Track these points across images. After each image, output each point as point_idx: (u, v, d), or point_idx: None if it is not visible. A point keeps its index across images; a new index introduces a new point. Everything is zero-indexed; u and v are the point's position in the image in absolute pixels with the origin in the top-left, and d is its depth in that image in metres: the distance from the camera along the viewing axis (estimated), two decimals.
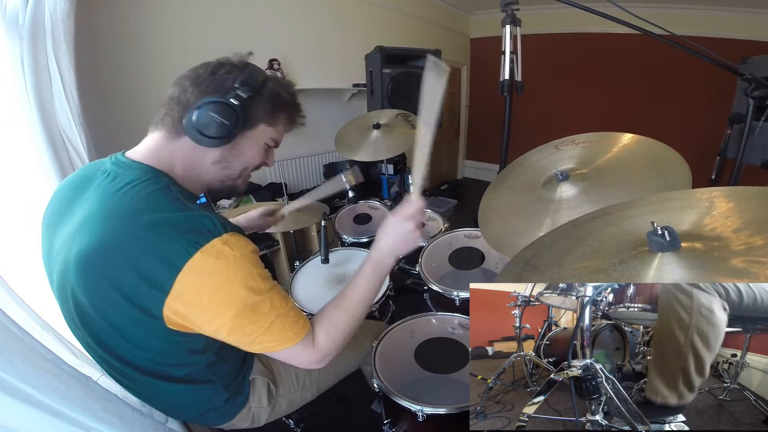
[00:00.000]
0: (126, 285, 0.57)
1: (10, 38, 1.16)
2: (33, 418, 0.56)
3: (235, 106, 0.64)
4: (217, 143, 0.66)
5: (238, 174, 0.74)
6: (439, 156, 5.00)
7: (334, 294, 1.27)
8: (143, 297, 0.57)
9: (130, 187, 0.61)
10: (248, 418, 0.85)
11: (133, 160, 0.66)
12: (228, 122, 0.64)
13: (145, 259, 0.56)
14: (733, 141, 2.67)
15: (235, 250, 0.58)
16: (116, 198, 0.61)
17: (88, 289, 0.60)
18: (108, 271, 0.57)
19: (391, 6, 3.63)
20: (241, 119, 0.66)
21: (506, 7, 1.29)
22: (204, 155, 0.69)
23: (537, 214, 0.91)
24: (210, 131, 0.64)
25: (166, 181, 0.64)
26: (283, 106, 0.73)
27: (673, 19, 3.30)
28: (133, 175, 0.63)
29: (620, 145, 0.96)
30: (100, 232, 0.58)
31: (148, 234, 0.57)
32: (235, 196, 0.79)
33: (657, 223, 0.50)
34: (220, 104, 0.63)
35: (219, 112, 0.63)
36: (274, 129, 0.74)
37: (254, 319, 0.60)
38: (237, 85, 0.65)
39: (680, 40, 1.02)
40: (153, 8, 2.08)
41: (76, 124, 1.33)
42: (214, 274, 0.57)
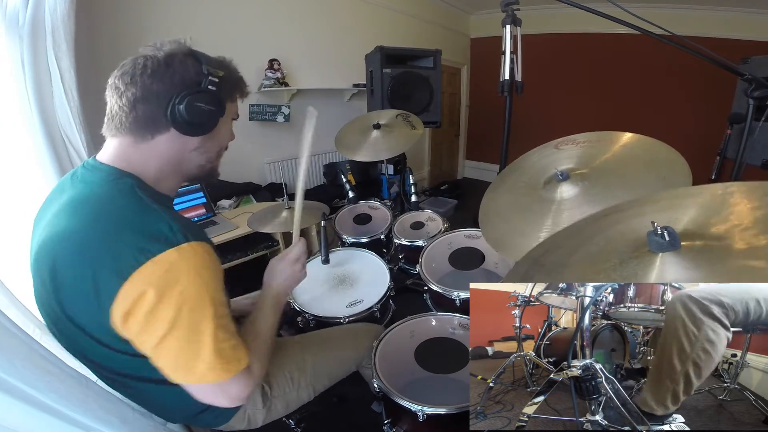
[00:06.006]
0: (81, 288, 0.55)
1: (10, 38, 1.16)
2: (33, 418, 0.56)
3: (213, 92, 0.66)
4: (207, 130, 0.68)
5: (216, 155, 0.76)
6: (439, 156, 5.00)
7: (335, 295, 1.31)
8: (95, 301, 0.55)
9: (95, 187, 0.62)
10: (244, 420, 0.85)
11: (102, 163, 0.66)
12: (215, 108, 0.67)
13: (96, 261, 0.54)
14: (733, 141, 2.67)
15: (189, 266, 0.56)
16: (78, 199, 0.61)
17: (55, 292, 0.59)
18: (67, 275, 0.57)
19: (391, 6, 3.63)
20: (223, 102, 0.69)
21: (506, 7, 1.29)
22: (184, 145, 0.68)
23: (537, 214, 0.91)
24: (200, 120, 0.65)
25: (131, 182, 0.63)
26: (237, 82, 0.75)
27: (673, 19, 3.30)
28: (99, 175, 0.64)
29: (620, 144, 0.95)
30: (60, 225, 0.59)
31: (103, 234, 0.56)
32: (212, 179, 0.79)
33: (657, 223, 0.50)
34: (204, 92, 0.64)
35: (203, 100, 0.64)
36: (234, 104, 0.76)
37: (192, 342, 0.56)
38: (206, 71, 0.65)
39: (680, 40, 1.02)
40: (153, 8, 2.08)
41: (76, 124, 1.33)
42: (159, 287, 0.53)
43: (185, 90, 0.63)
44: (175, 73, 0.63)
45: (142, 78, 0.62)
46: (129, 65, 0.63)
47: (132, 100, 0.63)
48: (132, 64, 0.63)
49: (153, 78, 0.62)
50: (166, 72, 0.63)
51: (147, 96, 0.62)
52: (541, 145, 1.11)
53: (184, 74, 0.64)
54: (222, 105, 0.69)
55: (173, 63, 0.64)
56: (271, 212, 1.60)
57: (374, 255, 1.49)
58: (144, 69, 0.62)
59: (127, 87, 0.62)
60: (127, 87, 0.62)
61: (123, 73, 0.63)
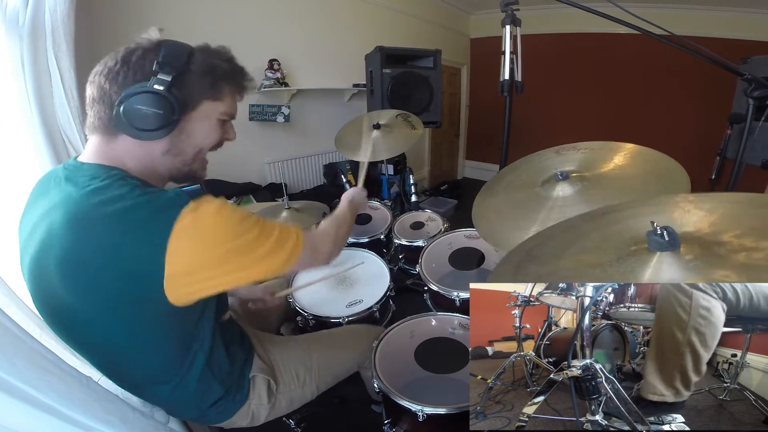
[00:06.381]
0: (110, 286, 0.56)
1: (10, 38, 1.16)
2: (33, 418, 0.56)
3: (160, 91, 0.59)
4: (157, 135, 0.62)
5: (192, 158, 0.70)
6: (439, 156, 5.00)
7: (335, 294, 1.31)
8: (134, 290, 0.57)
9: (86, 187, 0.59)
10: (248, 415, 0.85)
11: (83, 162, 0.64)
12: (161, 110, 0.60)
13: (123, 253, 0.55)
14: (733, 141, 2.68)
15: (206, 212, 0.57)
16: (74, 201, 0.58)
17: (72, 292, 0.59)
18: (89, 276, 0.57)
19: (391, 6, 3.63)
20: (175, 103, 0.61)
21: (506, 7, 1.29)
22: (151, 148, 0.64)
23: (532, 209, 0.92)
24: (144, 124, 0.60)
25: (120, 173, 0.61)
26: (223, 77, 0.68)
27: (673, 19, 3.30)
28: (86, 175, 0.61)
29: (621, 153, 0.95)
30: (71, 239, 0.56)
31: (117, 228, 0.55)
32: (195, 181, 0.75)
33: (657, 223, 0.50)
34: (145, 94, 0.59)
35: (146, 103, 0.59)
36: (221, 102, 0.69)
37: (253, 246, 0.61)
38: (155, 68, 0.60)
39: (680, 40, 1.02)
40: (153, 8, 2.08)
41: (76, 124, 1.33)
42: (197, 238, 0.56)
43: (129, 91, 0.59)
44: (128, 71, 0.60)
45: (99, 77, 0.61)
46: (99, 64, 0.63)
47: (90, 100, 0.62)
48: (101, 61, 0.62)
49: (107, 77, 0.60)
50: (120, 71, 0.60)
51: (102, 96, 0.61)
52: (540, 150, 1.11)
53: (136, 73, 0.60)
54: (179, 105, 0.62)
55: (129, 61, 0.61)
56: (271, 212, 1.60)
57: (374, 255, 1.49)
58: (104, 67, 0.61)
59: (89, 85, 0.62)
60: (89, 85, 0.62)
61: (93, 71, 0.63)
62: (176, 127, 0.64)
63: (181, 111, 0.63)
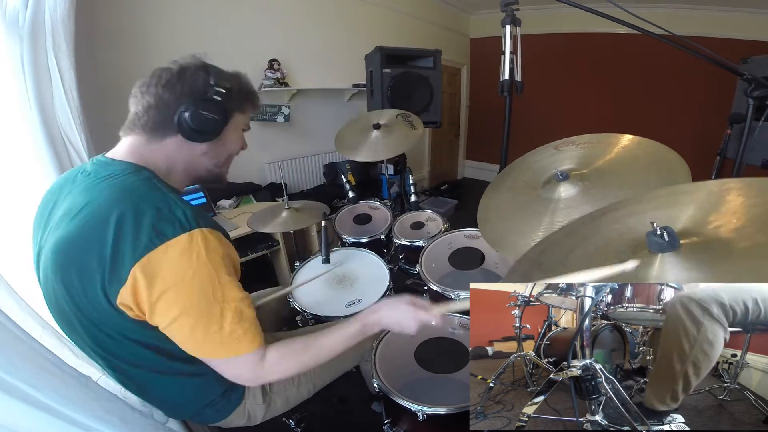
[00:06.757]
0: (90, 273, 0.58)
1: (10, 38, 1.16)
2: (33, 418, 0.56)
3: (219, 102, 0.71)
4: (209, 138, 0.73)
5: (224, 161, 0.82)
6: (439, 156, 5.00)
7: (335, 294, 1.30)
8: (101, 285, 0.58)
9: (112, 179, 0.65)
10: (244, 415, 0.86)
11: (114, 159, 0.71)
12: (218, 117, 0.72)
13: (112, 246, 0.57)
14: (733, 141, 2.68)
15: (202, 251, 0.60)
16: (96, 190, 0.64)
17: (62, 280, 0.61)
18: (78, 260, 0.60)
19: (391, 6, 3.63)
20: (227, 112, 0.74)
21: (506, 7, 1.29)
22: (192, 149, 0.74)
23: (536, 213, 0.91)
24: (204, 127, 0.71)
25: (148, 174, 0.69)
26: (248, 95, 0.81)
27: (673, 19, 3.31)
28: (114, 169, 0.68)
29: (620, 146, 0.95)
30: (78, 222, 0.61)
31: (121, 221, 0.59)
32: (220, 183, 0.84)
33: (656, 223, 0.50)
34: (208, 102, 0.70)
35: (209, 110, 0.70)
36: (244, 115, 0.82)
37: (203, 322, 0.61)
38: (212, 83, 0.71)
39: (680, 40, 1.02)
40: (153, 8, 2.08)
41: (76, 124, 1.33)
42: (172, 270, 0.58)
43: (192, 100, 0.69)
44: (185, 84, 0.70)
45: (156, 88, 0.69)
46: (148, 76, 0.71)
47: (146, 106, 0.70)
48: (151, 75, 0.71)
49: (165, 88, 0.69)
50: (177, 83, 0.70)
51: (158, 103, 0.69)
52: (540, 147, 1.11)
53: (193, 85, 0.70)
54: (227, 115, 0.74)
55: (185, 75, 0.70)
56: (271, 212, 1.60)
57: (373, 254, 1.49)
58: (159, 80, 0.70)
59: (143, 95, 0.70)
60: (143, 95, 0.70)
61: (142, 83, 0.71)
62: (221, 133, 0.75)
63: (226, 119, 0.75)
